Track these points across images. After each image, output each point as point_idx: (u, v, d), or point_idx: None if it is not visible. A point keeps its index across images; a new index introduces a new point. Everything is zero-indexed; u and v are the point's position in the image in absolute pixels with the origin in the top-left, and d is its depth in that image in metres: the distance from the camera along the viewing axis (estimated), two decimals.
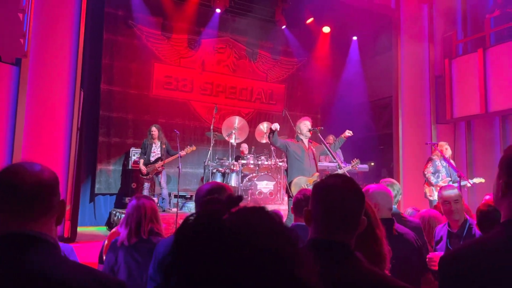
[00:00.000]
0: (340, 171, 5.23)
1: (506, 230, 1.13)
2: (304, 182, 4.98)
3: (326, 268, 1.19)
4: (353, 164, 5.42)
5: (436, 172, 6.14)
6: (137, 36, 8.66)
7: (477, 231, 2.82)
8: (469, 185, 5.82)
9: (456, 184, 5.64)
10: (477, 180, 5.88)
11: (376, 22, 9.25)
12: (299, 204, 2.72)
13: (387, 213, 2.54)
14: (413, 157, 8.20)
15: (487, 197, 3.47)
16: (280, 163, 7.83)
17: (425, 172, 6.19)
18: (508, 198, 1.17)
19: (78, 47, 5.83)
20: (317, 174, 5.12)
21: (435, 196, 6.04)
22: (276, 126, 5.04)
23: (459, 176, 5.28)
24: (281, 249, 0.61)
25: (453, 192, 2.87)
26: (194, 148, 7.31)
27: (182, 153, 6.94)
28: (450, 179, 6.03)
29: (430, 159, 6.27)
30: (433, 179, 6.09)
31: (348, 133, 5.35)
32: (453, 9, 8.73)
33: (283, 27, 9.27)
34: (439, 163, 6.14)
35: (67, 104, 5.71)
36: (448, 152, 6.19)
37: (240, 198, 0.68)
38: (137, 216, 2.41)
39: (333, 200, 1.27)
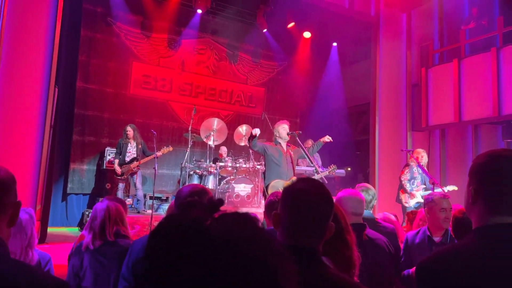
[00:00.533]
0: (317, 176, 5.24)
1: (478, 237, 1.15)
2: (281, 185, 4.98)
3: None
4: (330, 169, 5.44)
5: (412, 178, 6.21)
6: (115, 34, 8.51)
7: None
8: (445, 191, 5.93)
9: (429, 192, 5.78)
10: (450, 187, 5.98)
11: (356, 29, 9.38)
12: (272, 206, 2.69)
13: (352, 218, 2.55)
14: (388, 163, 8.32)
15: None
16: (258, 166, 7.81)
17: (402, 178, 6.24)
18: (478, 206, 1.19)
19: (53, 43, 5.68)
20: (294, 178, 5.12)
21: (410, 203, 6.12)
22: (256, 131, 5.02)
23: (433, 183, 5.38)
24: (267, 258, 0.59)
25: (449, 201, 2.90)
26: (171, 148, 7.22)
27: (159, 153, 6.84)
28: (424, 186, 6.12)
29: (407, 165, 6.33)
30: (408, 186, 6.15)
31: (328, 138, 5.37)
32: (431, 19, 8.93)
33: (265, 30, 9.29)
34: (416, 170, 6.22)
35: (40, 101, 5.55)
36: (424, 160, 6.27)
37: (221, 201, 0.66)
38: (101, 219, 2.34)
39: (300, 205, 1.25)
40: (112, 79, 8.49)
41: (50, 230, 6.10)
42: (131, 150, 7.24)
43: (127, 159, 7.20)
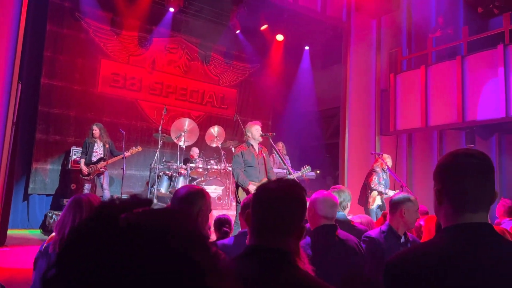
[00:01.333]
0: (289, 177, 5.24)
1: (445, 237, 1.17)
2: (252, 188, 4.94)
3: (262, 275, 1.16)
4: (303, 170, 5.45)
5: (380, 183, 6.35)
6: (84, 30, 8.24)
7: (415, 238, 2.94)
8: (391, 194, 6.17)
9: (386, 195, 6.00)
10: (391, 192, 6.21)
11: (327, 34, 9.51)
12: (246, 207, 2.66)
13: (323, 221, 2.55)
14: (357, 166, 8.46)
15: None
16: (230, 168, 7.75)
17: (372, 185, 6.29)
18: (444, 206, 1.20)
19: (17, 37, 5.42)
20: (266, 179, 5.10)
21: (373, 206, 6.29)
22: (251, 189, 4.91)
23: (401, 187, 5.50)
24: (191, 253, 0.51)
25: None
26: (139, 149, 7.06)
27: (127, 153, 6.68)
28: (388, 189, 6.29)
29: (374, 171, 6.42)
30: (382, 189, 6.27)
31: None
32: (399, 26, 9.18)
33: (238, 31, 9.25)
34: (381, 175, 6.36)
35: (2, 97, 5.28)
36: (389, 164, 6.42)
37: (148, 201, 0.57)
38: (73, 217, 2.17)
39: (267, 204, 1.24)
40: (80, 76, 8.21)
41: (10, 232, 5.81)
42: (98, 150, 7.02)
43: (94, 159, 6.97)
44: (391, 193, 6.15)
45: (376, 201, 6.27)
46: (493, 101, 7.00)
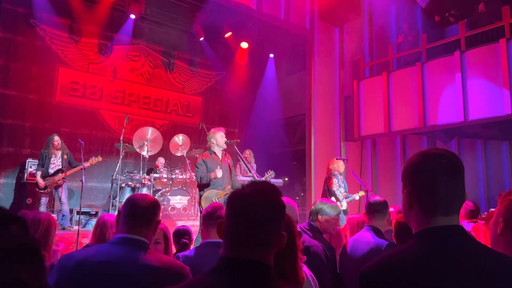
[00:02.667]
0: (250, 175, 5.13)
1: (418, 242, 1.11)
2: (214, 195, 4.82)
3: None
4: (267, 175, 5.35)
5: (339, 187, 6.32)
6: (39, 37, 7.90)
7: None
8: (357, 198, 6.23)
9: (348, 199, 6.04)
10: (361, 193, 6.26)
11: (291, 41, 9.56)
12: (210, 217, 2.54)
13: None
14: (324, 172, 8.49)
15: (391, 209, 3.60)
16: (195, 177, 7.59)
17: (333, 188, 6.22)
18: (415, 209, 1.14)
19: None
20: (229, 187, 4.98)
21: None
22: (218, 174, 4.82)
23: (366, 191, 5.53)
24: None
25: None
26: (100, 159, 6.77)
27: (86, 164, 6.37)
28: (346, 193, 6.27)
29: (333, 175, 6.42)
30: (340, 195, 6.20)
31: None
32: (361, 34, 9.36)
33: (201, 39, 9.13)
34: (340, 178, 6.35)
35: None
36: (342, 169, 6.45)
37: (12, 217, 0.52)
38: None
39: (243, 212, 1.10)
40: (35, 85, 7.84)
41: None
42: (56, 162, 6.68)
43: (51, 171, 6.63)
44: (356, 197, 6.19)
45: (342, 206, 6.26)
46: (452, 105, 7.22)
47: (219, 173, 4.79)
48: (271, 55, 10.23)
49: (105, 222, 2.63)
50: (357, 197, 6.23)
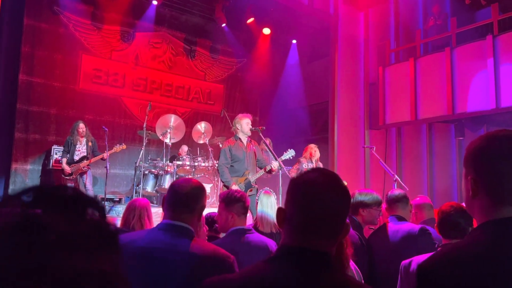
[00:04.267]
0: (274, 163, 5.02)
1: (483, 234, 1.00)
2: (235, 182, 4.80)
3: (302, 281, 0.98)
4: (286, 154, 5.20)
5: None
6: (63, 24, 7.93)
7: None
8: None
9: None
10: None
11: (315, 27, 9.36)
12: (230, 199, 2.49)
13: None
14: (347, 161, 8.37)
15: (418, 198, 3.50)
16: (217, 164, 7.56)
17: (290, 174, 5.99)
18: (480, 198, 1.03)
19: None
20: (248, 172, 4.93)
21: None
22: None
23: (395, 180, 5.38)
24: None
25: None
26: (124, 146, 6.81)
27: (105, 155, 6.43)
28: None
29: (298, 161, 6.34)
30: None
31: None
32: (387, 19, 9.08)
33: (223, 25, 9.02)
34: (306, 166, 6.26)
35: None
36: (317, 155, 6.42)
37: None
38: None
39: (313, 200, 1.03)
40: (60, 72, 7.90)
41: None
42: (81, 148, 6.75)
43: (76, 157, 6.70)
44: None
45: None
46: (483, 92, 6.95)
47: (235, 187, 4.70)
48: (294, 41, 10.03)
49: (136, 207, 2.61)
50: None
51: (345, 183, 3.57)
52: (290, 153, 5.23)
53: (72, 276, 0.42)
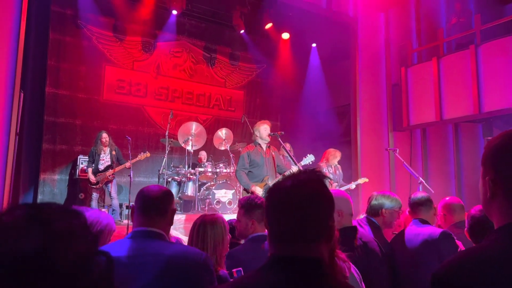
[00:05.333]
0: (294, 167, 4.98)
1: (502, 238, 0.94)
2: (256, 189, 4.77)
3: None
4: (306, 159, 5.18)
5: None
6: (86, 37, 8.15)
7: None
8: (353, 187, 6.25)
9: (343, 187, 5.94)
10: (361, 180, 6.16)
11: (334, 30, 9.27)
12: (250, 205, 2.47)
13: (350, 220, 2.36)
14: (371, 164, 8.22)
15: (447, 198, 3.37)
16: None
17: None
18: (498, 200, 0.97)
19: (18, 46, 5.31)
20: (268, 177, 4.91)
21: None
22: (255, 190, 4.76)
23: (420, 183, 5.26)
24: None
25: None
26: (148, 154, 6.93)
27: (128, 164, 6.55)
28: (337, 184, 6.25)
29: (317, 166, 6.34)
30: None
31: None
32: (408, 18, 8.91)
33: (242, 31, 9.07)
34: (326, 170, 6.28)
35: (4, 107, 5.17)
36: (335, 160, 6.51)
37: None
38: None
39: (282, 207, 1.03)
40: (84, 84, 8.12)
41: None
42: (105, 158, 6.89)
43: (101, 167, 6.84)
44: (353, 185, 6.21)
45: None
46: (511, 89, 6.71)
47: (255, 190, 4.71)
48: (314, 45, 9.97)
49: None
50: (353, 186, 6.21)
51: (364, 181, 3.51)
52: (309, 158, 5.19)
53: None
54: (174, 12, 8.25)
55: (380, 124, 8.64)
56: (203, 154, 8.20)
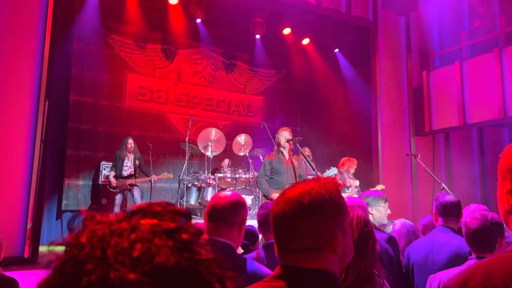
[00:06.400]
0: (313, 173, 5.02)
1: None
2: (275, 196, 4.78)
3: None
4: (328, 172, 5.20)
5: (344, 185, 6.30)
6: (109, 46, 8.35)
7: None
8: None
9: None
10: (379, 187, 6.08)
11: (353, 34, 9.21)
12: (264, 219, 2.47)
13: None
14: (393, 170, 8.09)
15: (472, 206, 3.29)
16: None
17: None
18: None
19: (43, 56, 5.49)
20: (288, 185, 4.90)
21: None
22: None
23: (443, 188, 5.14)
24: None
25: None
26: (171, 175, 7.12)
27: (154, 177, 6.74)
28: (358, 189, 6.24)
29: (339, 172, 6.34)
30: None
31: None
32: (429, 22, 8.77)
33: (257, 36, 9.12)
34: (346, 175, 6.29)
35: (30, 115, 5.34)
36: (354, 167, 6.65)
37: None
38: None
39: (274, 218, 1.03)
40: (107, 91, 8.30)
41: (44, 249, 5.84)
42: (128, 164, 7.04)
43: (124, 173, 6.99)
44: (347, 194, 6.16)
45: None
46: None
47: (275, 196, 4.72)
48: (334, 50, 9.89)
49: None
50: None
51: (381, 188, 3.48)
52: (332, 171, 5.22)
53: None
54: (198, 20, 8.35)
55: (401, 129, 8.51)
56: (225, 162, 8.30)
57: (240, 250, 2.92)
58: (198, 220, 6.32)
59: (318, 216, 0.99)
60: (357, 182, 6.41)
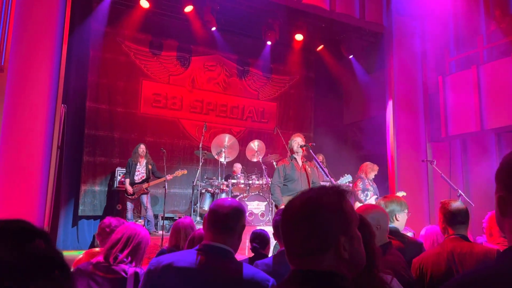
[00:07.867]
0: (326, 179, 5.00)
1: (509, 260, 0.87)
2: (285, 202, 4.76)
3: None
4: (342, 179, 5.20)
5: (365, 190, 6.21)
6: (124, 53, 8.48)
7: None
8: None
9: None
10: (400, 193, 5.99)
11: (367, 40, 9.17)
12: (278, 226, 2.45)
13: (385, 236, 2.28)
14: (408, 176, 7.97)
15: (488, 213, 3.24)
16: None
17: (355, 190, 6.20)
18: (509, 218, 0.93)
19: (60, 64, 5.61)
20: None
21: None
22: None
23: (459, 195, 5.06)
24: None
25: None
26: (185, 171, 7.14)
27: (169, 177, 6.74)
28: (377, 196, 6.16)
29: (359, 178, 6.35)
30: (362, 197, 6.15)
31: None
32: (445, 26, 8.66)
33: (274, 44, 9.14)
34: (368, 182, 6.26)
35: (47, 121, 5.44)
36: (374, 173, 6.48)
37: None
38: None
39: (285, 219, 1.08)
40: (122, 98, 8.43)
41: None
42: (140, 169, 7.11)
43: (137, 178, 7.07)
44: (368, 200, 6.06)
45: None
46: None
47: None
48: (350, 56, 9.83)
49: (180, 228, 2.68)
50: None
51: (403, 194, 3.43)
52: (346, 178, 5.22)
53: None
54: (213, 28, 8.42)
55: (417, 135, 8.39)
56: (237, 167, 8.28)
57: (250, 254, 2.92)
58: None
59: (319, 220, 1.02)
60: (374, 197, 6.35)
